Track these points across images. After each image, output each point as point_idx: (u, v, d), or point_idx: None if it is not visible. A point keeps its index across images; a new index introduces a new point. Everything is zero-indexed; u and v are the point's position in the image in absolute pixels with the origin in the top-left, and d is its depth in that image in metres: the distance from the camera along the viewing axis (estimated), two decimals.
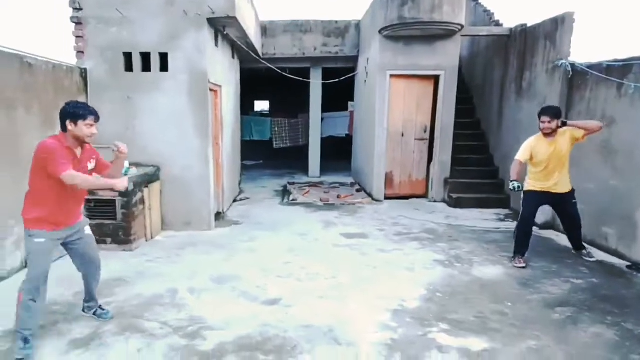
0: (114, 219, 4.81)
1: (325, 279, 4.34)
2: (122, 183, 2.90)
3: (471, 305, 3.75)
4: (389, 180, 8.38)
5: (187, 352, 2.90)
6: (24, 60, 4.16)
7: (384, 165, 8.23)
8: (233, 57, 8.01)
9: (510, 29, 7.63)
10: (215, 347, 2.98)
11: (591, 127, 4.29)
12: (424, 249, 5.29)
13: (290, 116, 13.11)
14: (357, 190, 9.30)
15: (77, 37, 5.37)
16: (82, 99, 5.31)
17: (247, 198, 8.51)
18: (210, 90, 6.07)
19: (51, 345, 2.87)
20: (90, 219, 4.73)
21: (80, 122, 2.81)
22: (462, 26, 7.31)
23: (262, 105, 16.66)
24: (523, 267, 4.57)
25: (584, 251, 4.88)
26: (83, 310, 3.35)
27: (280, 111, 14.16)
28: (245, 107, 14.63)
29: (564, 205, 4.65)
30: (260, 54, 9.55)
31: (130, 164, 5.46)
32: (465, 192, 7.80)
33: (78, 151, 2.91)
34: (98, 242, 4.77)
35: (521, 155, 4.52)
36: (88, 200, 4.79)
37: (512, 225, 6.52)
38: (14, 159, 4.04)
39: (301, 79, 9.63)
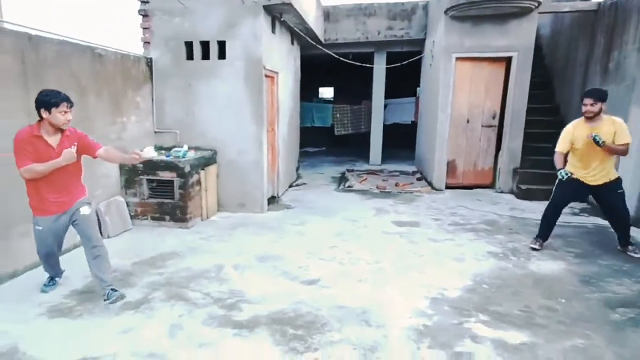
0: (172, 199, 5.30)
1: (368, 264, 4.41)
2: (64, 156, 3.00)
3: (519, 299, 3.61)
4: (451, 168, 8.13)
5: (224, 321, 3.17)
6: (95, 51, 4.71)
7: (446, 152, 7.99)
8: (292, 44, 8.24)
9: (598, 4, 6.97)
10: (249, 318, 3.23)
11: (620, 153, 4.21)
12: (478, 240, 5.13)
13: (355, 102, 13.14)
14: (418, 179, 9.14)
15: (144, 28, 5.92)
16: (147, 87, 5.87)
17: (304, 183, 8.77)
18: (266, 76, 6.34)
19: (107, 306, 3.31)
20: (152, 198, 5.27)
21: (53, 110, 2.90)
22: (540, 2, 6.81)
23: (327, 92, 16.88)
24: (536, 250, 4.62)
25: (630, 247, 4.52)
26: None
27: (344, 97, 14.24)
28: (308, 93, 14.94)
29: (605, 196, 4.42)
30: (322, 40, 9.68)
31: (190, 148, 5.94)
32: (535, 183, 7.34)
33: (55, 138, 3.03)
34: (158, 219, 5.36)
35: (560, 146, 4.38)
36: (151, 181, 5.33)
37: (586, 220, 6.04)
38: None
39: (361, 64, 9.62)
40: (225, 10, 5.84)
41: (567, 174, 4.26)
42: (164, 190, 5.32)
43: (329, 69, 13.05)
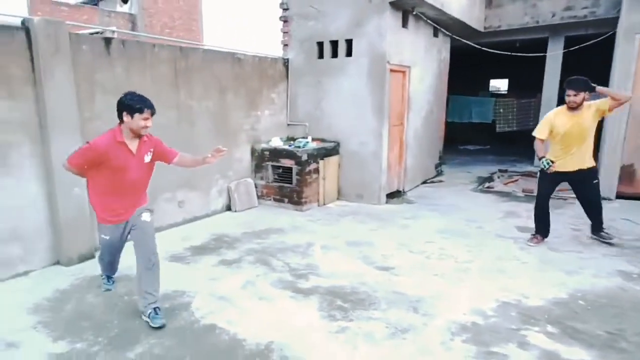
0: (290, 183, 6.24)
1: (456, 262, 4.45)
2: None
3: (616, 322, 3.24)
4: (626, 174, 7.00)
5: (288, 285, 3.84)
6: (235, 56, 5.97)
7: (620, 156, 6.92)
8: (436, 36, 8.33)
9: None
10: (310, 287, 3.81)
11: (621, 97, 4.28)
12: (615, 257, 4.52)
13: (528, 96, 12.12)
14: None
15: (283, 32, 7.03)
16: (283, 84, 6.97)
17: (441, 181, 8.77)
18: (393, 71, 6.73)
19: (208, 259, 4.36)
20: (275, 182, 6.32)
21: (136, 115, 2.90)
22: None
23: (499, 84, 15.86)
24: (531, 246, 4.78)
25: (603, 233, 4.82)
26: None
27: (518, 90, 13.21)
28: (473, 86, 14.37)
29: (581, 185, 4.65)
30: (481, 29, 9.38)
31: (315, 139, 6.81)
32: None
33: (134, 144, 3.02)
34: (278, 201, 6.38)
35: (539, 132, 4.57)
36: (275, 167, 6.38)
37: None
38: (224, 130, 5.93)
39: (521, 54, 8.95)
40: (353, 10, 6.47)
41: (548, 163, 4.41)
42: (285, 176, 6.30)
43: (500, 59, 12.33)
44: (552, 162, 4.44)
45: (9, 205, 3.63)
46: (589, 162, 4.55)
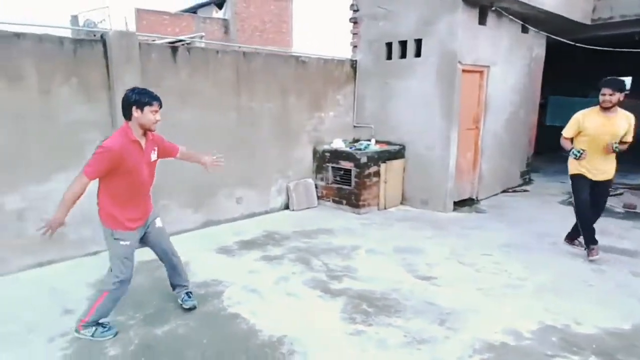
0: (349, 185, 6.37)
1: (509, 278, 4.25)
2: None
3: None
4: None
5: (319, 285, 3.99)
6: (298, 59, 6.28)
7: None
8: (525, 32, 7.84)
9: None
10: (340, 289, 3.93)
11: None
12: None
13: None
14: None
15: (353, 34, 7.19)
16: (349, 86, 7.13)
17: (525, 190, 8.22)
18: (467, 71, 6.51)
19: (253, 253, 4.70)
20: (334, 183, 6.51)
21: (146, 109, 2.88)
22: None
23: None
24: (597, 257, 4.57)
25: (577, 241, 4.96)
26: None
27: None
28: (583, 86, 13.08)
29: (598, 193, 4.60)
30: (589, 21, 8.59)
31: (380, 142, 6.87)
32: None
33: (143, 141, 2.99)
34: (337, 202, 6.55)
35: (567, 131, 4.54)
36: (334, 168, 6.56)
37: None
38: (285, 131, 6.27)
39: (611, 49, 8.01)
40: (423, 9, 6.40)
41: (579, 152, 4.30)
42: (344, 178, 6.45)
43: (617, 55, 11.08)
44: (583, 150, 4.32)
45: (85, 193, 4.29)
46: (610, 174, 4.55)
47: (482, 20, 6.62)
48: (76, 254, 4.46)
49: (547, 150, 10.39)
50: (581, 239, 4.85)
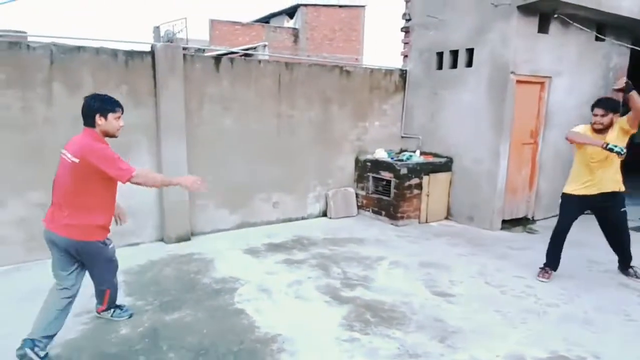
0: (388, 196, 6.44)
1: (535, 303, 4.09)
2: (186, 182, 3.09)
3: None
4: None
5: (330, 291, 4.15)
6: (342, 69, 6.51)
7: None
8: (600, 39, 7.38)
9: None
10: (350, 297, 4.06)
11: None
12: None
13: None
14: None
15: (404, 43, 7.27)
16: (398, 96, 7.22)
17: (590, 213, 7.66)
18: (523, 82, 6.31)
19: (277, 256, 4.98)
20: (374, 194, 6.64)
21: (110, 116, 2.89)
22: None
23: None
24: (543, 282, 4.52)
25: (631, 270, 4.67)
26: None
27: None
28: None
29: (605, 210, 4.49)
30: None
31: (425, 153, 6.87)
32: None
33: None
34: (376, 213, 6.63)
35: (577, 131, 4.37)
36: (375, 178, 6.67)
37: None
38: (325, 139, 6.53)
39: None
40: (475, 17, 6.34)
41: (617, 147, 3.93)
42: (384, 188, 6.53)
43: None
44: (622, 149, 4.00)
45: (127, 187, 4.86)
46: (615, 186, 4.37)
47: (543, 29, 6.38)
48: (117, 244, 5.00)
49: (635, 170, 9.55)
50: (637, 268, 4.66)
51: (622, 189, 4.44)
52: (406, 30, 7.31)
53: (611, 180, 4.36)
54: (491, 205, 6.41)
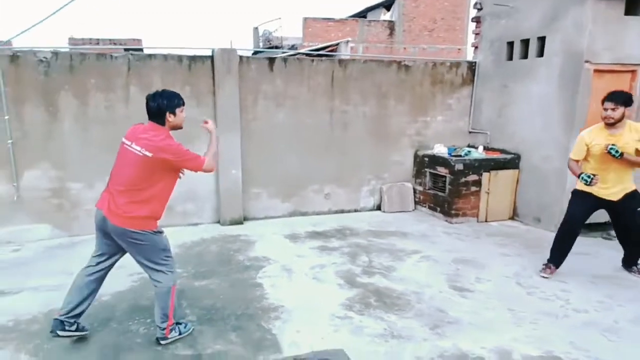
0: (443, 193, 6.57)
1: (560, 307, 4.03)
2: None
3: None
4: None
5: (347, 276, 4.57)
6: (400, 63, 6.78)
7: None
8: None
9: None
10: (364, 283, 4.44)
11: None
12: None
13: None
14: None
15: (475, 34, 7.25)
16: (465, 89, 7.24)
17: None
18: (604, 71, 5.96)
19: (314, 242, 5.52)
20: (431, 189, 6.82)
21: (177, 110, 3.11)
22: None
23: None
24: (546, 278, 4.58)
25: (635, 267, 4.73)
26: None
27: None
28: None
29: (622, 214, 4.46)
30: None
31: (492, 149, 6.84)
32: None
33: None
34: (432, 209, 6.80)
35: (574, 153, 4.49)
36: (432, 174, 6.82)
37: None
38: (381, 134, 6.86)
39: None
40: (548, 2, 6.15)
41: (589, 177, 4.20)
42: (440, 184, 6.66)
43: None
44: (594, 175, 4.21)
45: (188, 175, 5.82)
46: (630, 186, 4.37)
47: (630, 10, 5.95)
48: (181, 223, 6.05)
49: None
50: None
51: (634, 187, 4.42)
52: (477, 20, 7.28)
53: (624, 183, 4.38)
54: (559, 206, 6.14)
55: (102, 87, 5.45)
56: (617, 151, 4.13)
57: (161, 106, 3.04)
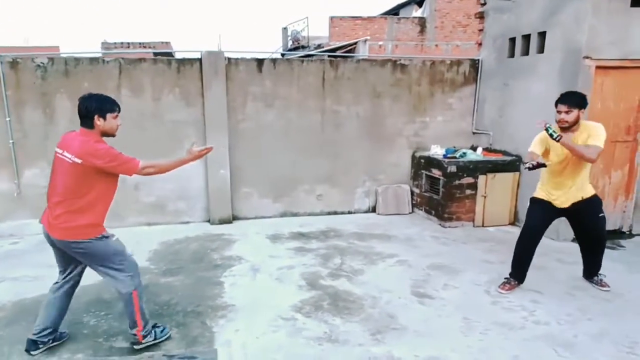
0: (437, 195, 6.46)
1: (523, 318, 3.92)
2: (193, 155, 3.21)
3: None
4: None
5: (311, 278, 4.65)
6: (396, 63, 6.72)
7: None
8: None
9: None
10: (325, 285, 4.50)
11: (585, 156, 3.93)
12: None
13: None
14: None
15: (479, 30, 7.05)
16: (467, 88, 7.06)
17: None
18: (609, 67, 5.67)
19: (293, 243, 5.62)
20: (427, 192, 6.73)
21: (108, 115, 3.02)
22: None
23: None
24: (502, 294, 4.37)
25: (596, 278, 4.53)
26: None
27: None
28: None
29: (582, 219, 4.34)
30: None
31: (494, 151, 6.66)
32: None
33: None
34: (427, 212, 6.69)
35: (533, 147, 4.33)
36: (427, 176, 6.71)
37: None
38: (376, 134, 6.86)
39: None
40: None
41: (532, 164, 3.93)
42: (434, 187, 6.55)
43: None
44: (534, 163, 3.96)
45: (180, 175, 6.06)
46: (588, 192, 4.27)
47: (636, 1, 5.61)
48: (173, 221, 6.34)
49: None
50: (602, 275, 4.54)
51: (593, 192, 4.32)
52: (480, 16, 7.08)
53: (583, 189, 4.25)
54: None
55: (95, 90, 5.73)
56: (554, 131, 3.91)
57: (89, 108, 2.97)
